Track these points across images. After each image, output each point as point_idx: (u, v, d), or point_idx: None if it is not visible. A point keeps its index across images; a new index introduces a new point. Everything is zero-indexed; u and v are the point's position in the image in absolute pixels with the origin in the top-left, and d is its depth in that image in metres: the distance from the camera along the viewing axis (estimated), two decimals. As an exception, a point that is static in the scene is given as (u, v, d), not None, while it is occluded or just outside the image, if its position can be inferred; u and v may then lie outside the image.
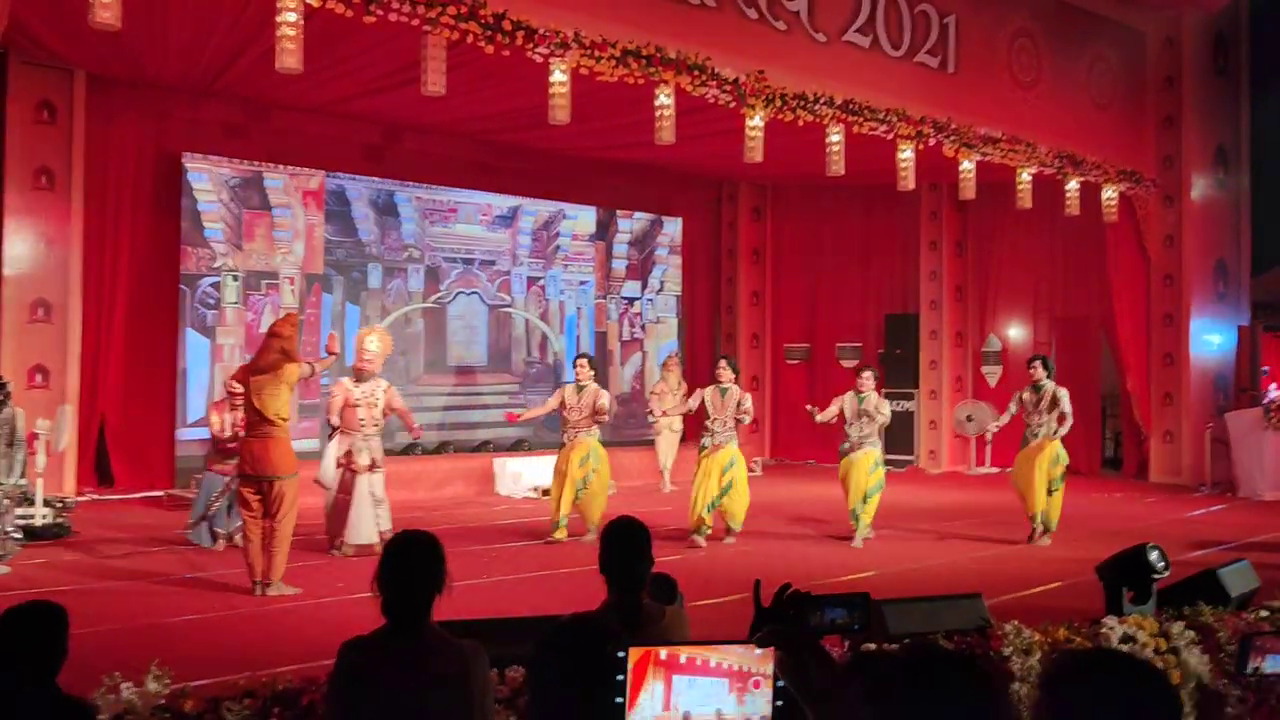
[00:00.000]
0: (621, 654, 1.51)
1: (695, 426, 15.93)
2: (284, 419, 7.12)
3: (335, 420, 8.54)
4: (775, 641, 1.56)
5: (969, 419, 15.51)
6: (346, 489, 8.39)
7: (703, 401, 9.43)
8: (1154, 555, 5.50)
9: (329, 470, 8.45)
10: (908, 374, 15.75)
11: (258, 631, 6.05)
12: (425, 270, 13.50)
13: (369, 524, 8.39)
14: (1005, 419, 10.09)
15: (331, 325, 12.65)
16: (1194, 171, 14.49)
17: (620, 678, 1.51)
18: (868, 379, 9.54)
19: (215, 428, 8.88)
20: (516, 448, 13.56)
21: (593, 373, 9.47)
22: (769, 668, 1.58)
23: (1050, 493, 9.44)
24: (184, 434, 11.57)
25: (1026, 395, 9.72)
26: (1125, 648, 5.01)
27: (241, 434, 7.51)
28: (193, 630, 6.04)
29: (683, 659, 1.52)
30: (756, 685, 1.58)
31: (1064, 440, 9.62)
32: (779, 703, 1.66)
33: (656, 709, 1.52)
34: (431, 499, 11.59)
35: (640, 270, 15.67)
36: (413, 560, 2.79)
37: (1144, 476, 14.53)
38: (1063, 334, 15.65)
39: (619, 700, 1.52)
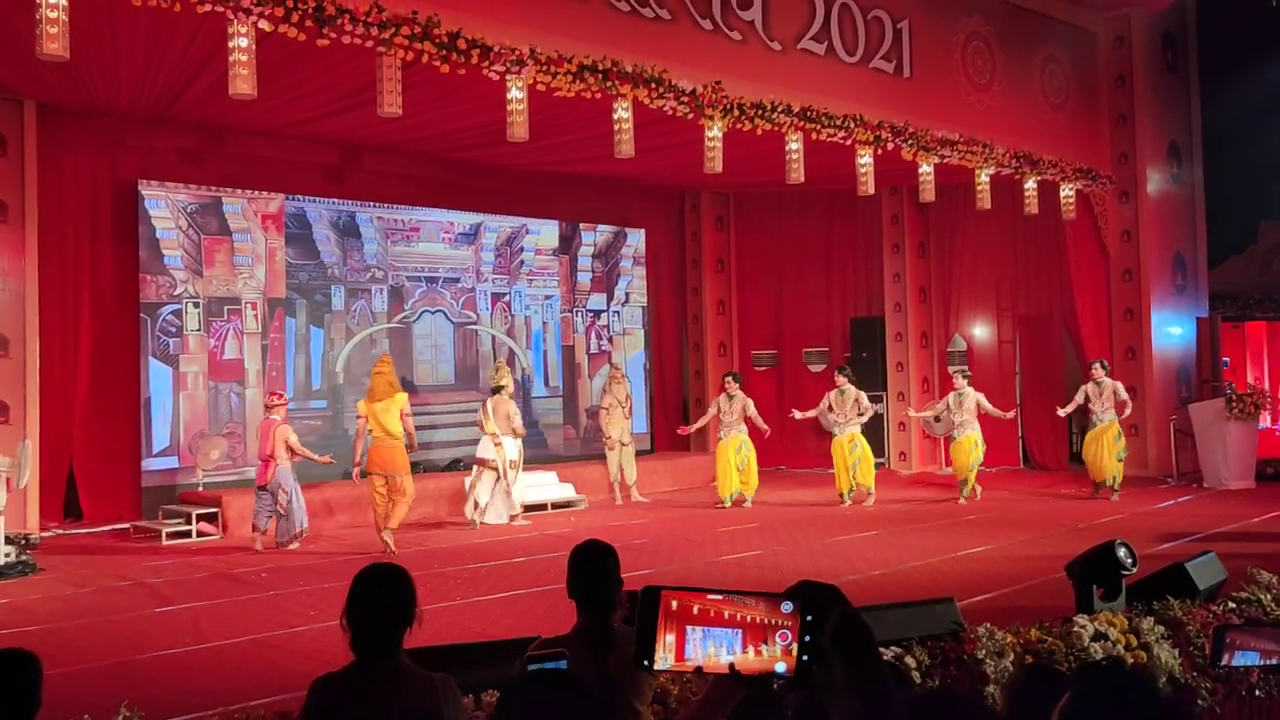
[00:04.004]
0: (654, 592, 1.46)
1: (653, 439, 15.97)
2: (398, 433, 9.85)
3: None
4: (805, 598, 1.49)
5: (936, 420, 15.58)
6: None
7: (829, 403, 12.48)
8: (1122, 552, 5.57)
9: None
10: (875, 377, 15.81)
11: (229, 665, 5.98)
12: (389, 290, 13.42)
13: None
14: (1071, 407, 12.70)
15: (296, 349, 12.57)
16: (1149, 167, 14.70)
17: (651, 618, 1.46)
18: (959, 377, 12.86)
19: (293, 439, 10.13)
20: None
21: (739, 385, 12.52)
22: (794, 622, 1.50)
23: (1119, 460, 12.31)
24: (150, 464, 11.43)
25: (1090, 389, 12.46)
26: (1097, 645, 5.07)
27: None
28: (163, 666, 5.95)
29: (695, 610, 1.47)
30: (782, 638, 1.49)
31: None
32: (804, 657, 1.55)
33: (669, 660, 1.47)
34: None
35: (605, 283, 15.66)
36: (381, 594, 2.77)
37: (1111, 470, 14.68)
38: (1026, 331, 15.80)
39: (648, 639, 1.46)
